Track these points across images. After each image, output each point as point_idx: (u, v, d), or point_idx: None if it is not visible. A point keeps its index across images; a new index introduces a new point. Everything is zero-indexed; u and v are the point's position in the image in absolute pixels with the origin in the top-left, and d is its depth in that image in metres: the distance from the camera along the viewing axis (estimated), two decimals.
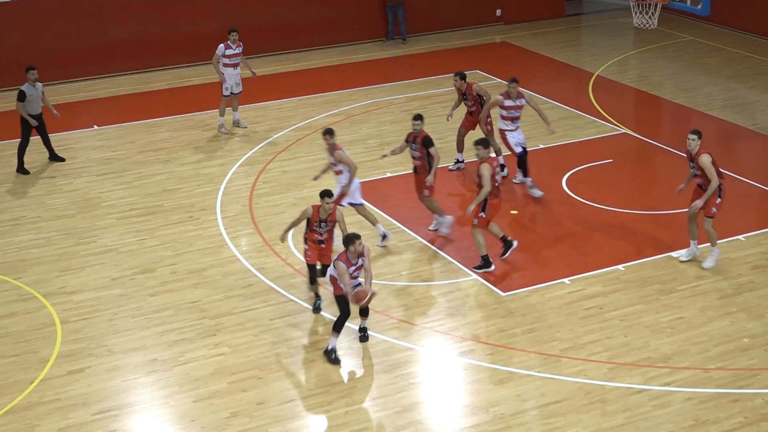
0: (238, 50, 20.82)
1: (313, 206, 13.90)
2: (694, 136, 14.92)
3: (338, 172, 15.91)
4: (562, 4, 30.29)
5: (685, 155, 15.35)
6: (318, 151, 20.01)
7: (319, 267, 14.22)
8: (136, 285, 15.31)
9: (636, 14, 20.15)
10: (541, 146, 20.23)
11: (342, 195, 15.84)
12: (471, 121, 18.92)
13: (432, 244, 16.35)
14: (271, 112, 22.51)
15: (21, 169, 19.58)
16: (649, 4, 19.84)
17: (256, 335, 13.84)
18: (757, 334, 13.76)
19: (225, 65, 20.76)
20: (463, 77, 18.59)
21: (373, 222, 16.34)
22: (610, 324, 14.05)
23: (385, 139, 20.78)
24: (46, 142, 19.94)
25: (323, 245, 14.11)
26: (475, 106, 18.73)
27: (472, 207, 15.10)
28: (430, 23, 28.40)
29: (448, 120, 19.31)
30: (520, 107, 17.84)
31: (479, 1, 29.03)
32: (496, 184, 15.12)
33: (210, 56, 21.09)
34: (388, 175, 19.03)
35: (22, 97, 19.21)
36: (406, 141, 16.59)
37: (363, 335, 13.70)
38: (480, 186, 15.01)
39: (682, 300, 14.65)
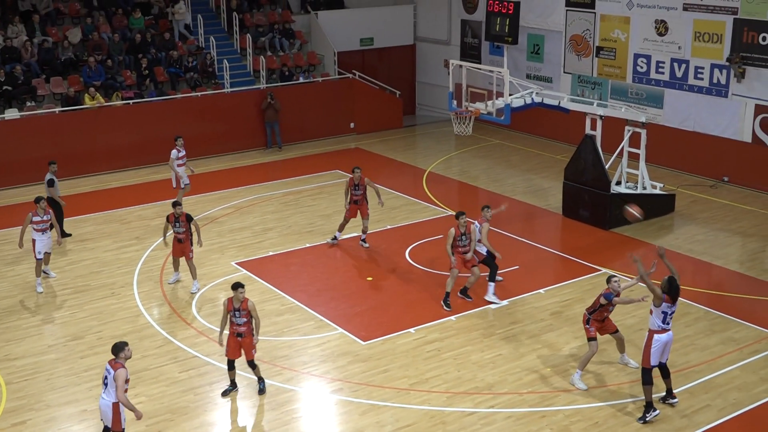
0: (184, 152, 20.87)
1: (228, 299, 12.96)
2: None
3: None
4: (400, 118, 30.86)
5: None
6: (214, 237, 19.78)
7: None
8: (69, 350, 14.75)
9: (455, 124, 20.58)
10: (389, 227, 20.43)
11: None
12: (354, 209, 18.75)
13: (305, 305, 16.27)
14: None
15: (63, 234, 19.66)
16: (465, 117, 20.33)
17: (168, 386, 13.47)
18: (556, 364, 14.04)
19: (178, 165, 20.74)
20: (359, 170, 18.60)
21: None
22: (446, 362, 14.14)
23: (267, 225, 20.67)
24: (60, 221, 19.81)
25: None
26: (361, 196, 18.64)
27: None
28: (299, 134, 28.52)
29: (346, 208, 18.92)
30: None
31: (337, 117, 29.31)
32: None
33: (125, 164, 20.71)
34: (270, 253, 18.90)
35: (52, 183, 19.46)
36: (168, 221, 16.80)
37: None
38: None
39: (500, 341, 14.87)
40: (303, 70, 29.61)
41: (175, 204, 16.83)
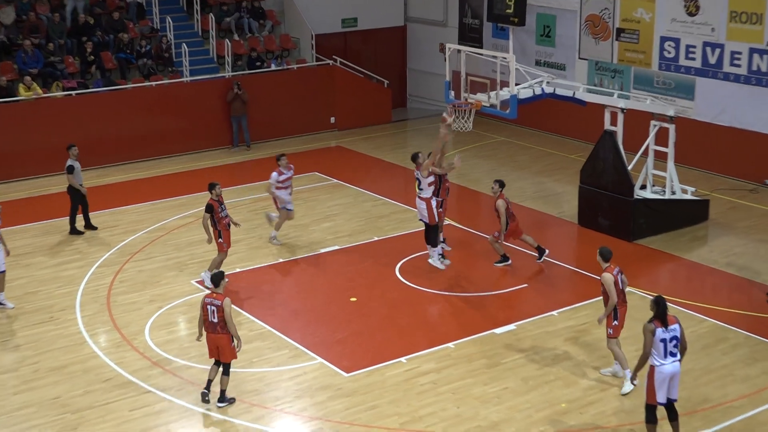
0: (289, 173, 20.05)
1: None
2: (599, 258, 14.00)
3: None
4: (388, 111, 30.90)
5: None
6: (170, 251, 19.71)
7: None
8: None
9: (453, 119, 20.60)
10: (376, 238, 20.41)
11: None
12: (440, 215, 18.92)
13: (278, 331, 16.23)
14: (126, 216, 22.09)
15: (74, 231, 20.82)
16: (465, 110, 20.34)
17: (117, 426, 13.38)
18: (572, 399, 14.02)
19: (278, 188, 19.88)
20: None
21: None
22: (444, 397, 14.11)
23: (234, 237, 20.55)
24: (85, 213, 21.00)
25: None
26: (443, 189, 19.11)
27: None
28: (271, 131, 28.53)
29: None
30: None
31: (315, 110, 29.34)
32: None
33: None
34: (237, 270, 18.85)
35: (71, 170, 20.28)
36: (210, 211, 17.56)
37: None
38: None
39: (506, 372, 14.85)
40: (275, 55, 29.63)
41: (213, 186, 17.60)
